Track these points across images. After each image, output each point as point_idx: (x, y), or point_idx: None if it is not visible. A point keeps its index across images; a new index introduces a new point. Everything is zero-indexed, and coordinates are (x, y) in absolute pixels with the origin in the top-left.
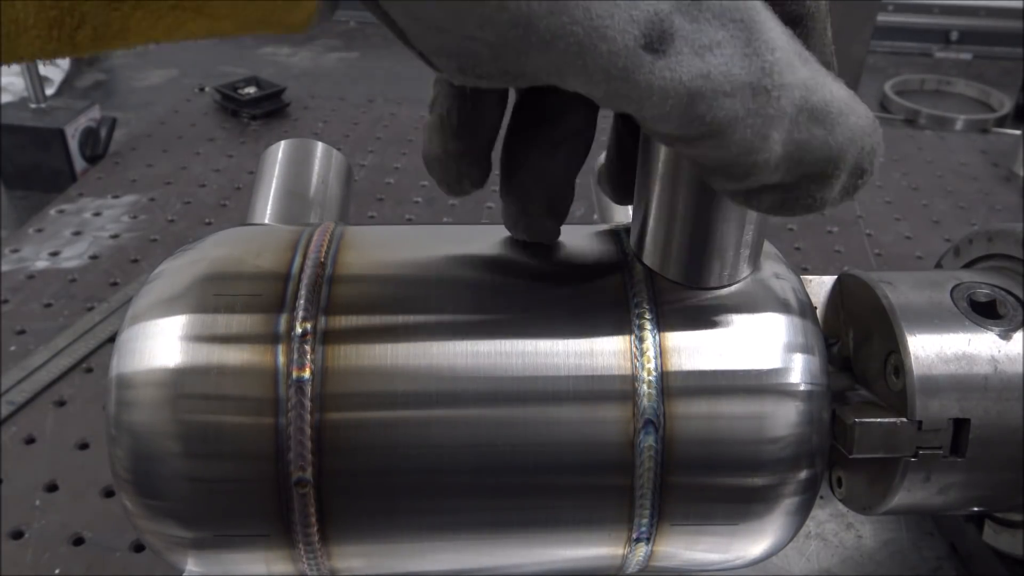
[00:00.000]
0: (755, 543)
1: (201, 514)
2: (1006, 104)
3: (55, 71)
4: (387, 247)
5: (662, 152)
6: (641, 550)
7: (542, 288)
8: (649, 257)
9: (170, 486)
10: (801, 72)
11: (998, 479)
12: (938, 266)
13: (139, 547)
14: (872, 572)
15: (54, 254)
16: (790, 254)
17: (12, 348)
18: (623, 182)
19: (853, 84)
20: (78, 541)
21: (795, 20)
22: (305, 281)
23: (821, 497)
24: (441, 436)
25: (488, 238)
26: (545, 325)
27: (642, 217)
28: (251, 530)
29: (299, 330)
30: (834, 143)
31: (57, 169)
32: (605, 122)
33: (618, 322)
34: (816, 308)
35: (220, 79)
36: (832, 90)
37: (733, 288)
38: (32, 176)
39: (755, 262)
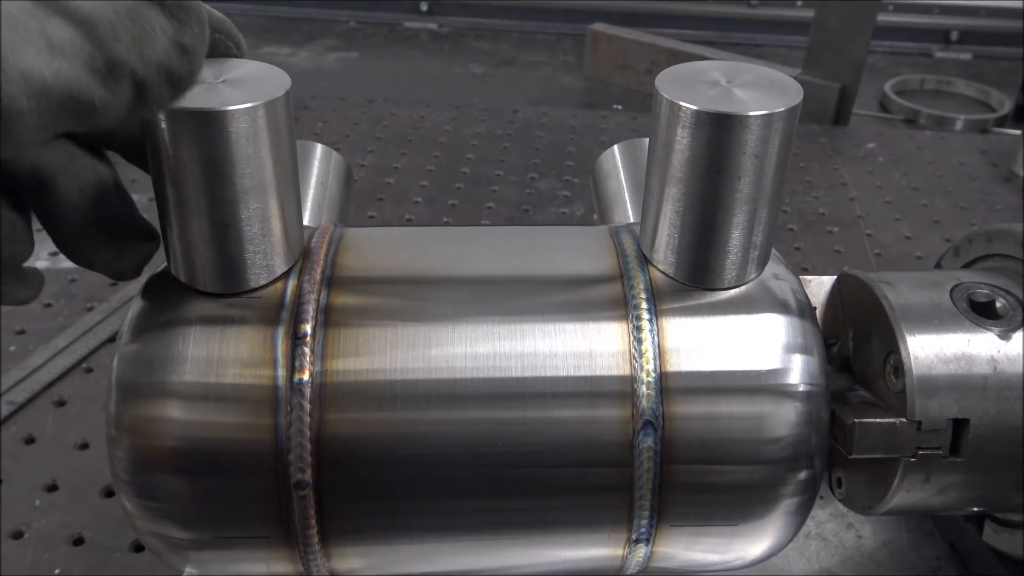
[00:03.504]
0: (755, 543)
1: (201, 516)
2: (1006, 104)
3: None
4: (386, 249)
5: (675, 155)
6: (641, 551)
7: (541, 290)
8: (659, 258)
9: (170, 488)
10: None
11: (997, 479)
12: (938, 266)
13: (139, 547)
14: (872, 572)
15: (54, 254)
16: (790, 254)
17: (12, 348)
18: None
19: (853, 84)
20: (78, 541)
21: None
22: (304, 283)
23: (821, 497)
24: (440, 438)
25: (487, 240)
26: (544, 327)
27: (653, 219)
28: (251, 532)
29: (298, 332)
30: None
31: None
32: (606, 117)
33: (617, 323)
34: (816, 308)
35: None
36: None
37: (732, 289)
38: None
39: (763, 264)
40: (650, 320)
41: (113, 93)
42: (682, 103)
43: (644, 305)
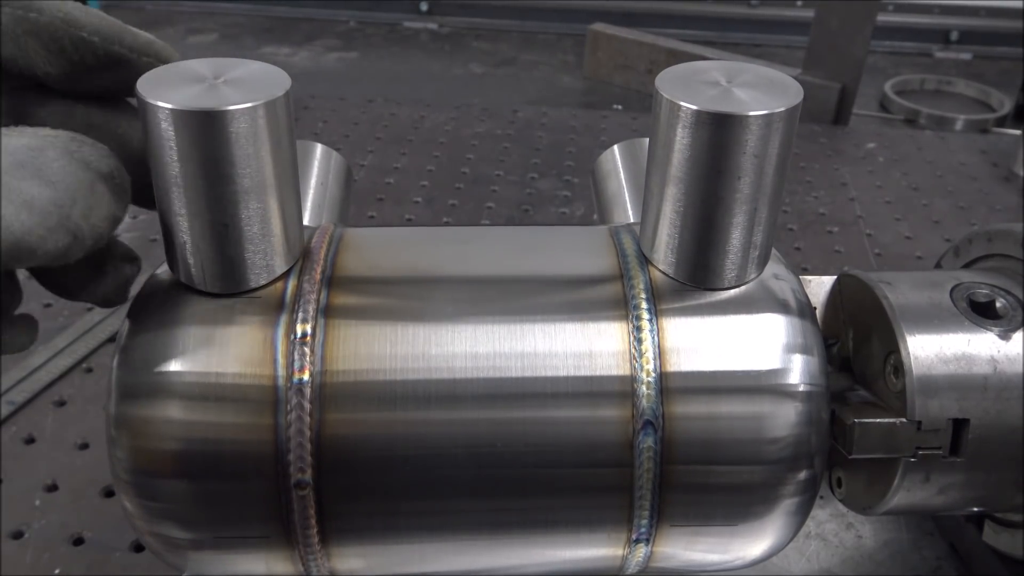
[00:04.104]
0: (755, 543)
1: (201, 516)
2: (1006, 104)
3: None
4: (386, 249)
5: (675, 155)
6: (641, 551)
7: (541, 290)
8: (659, 258)
9: (170, 488)
10: None
11: (997, 479)
12: (938, 266)
13: (139, 547)
14: (872, 572)
15: None
16: (790, 254)
17: None
18: None
19: (853, 84)
20: (78, 541)
21: None
22: (304, 283)
23: (821, 497)
24: (440, 437)
25: (487, 240)
26: (544, 327)
27: (653, 219)
28: (251, 532)
29: (298, 332)
30: None
31: None
32: (606, 117)
33: (617, 323)
34: (816, 308)
35: None
36: None
37: (732, 289)
38: None
39: (763, 264)
40: (650, 320)
41: (55, 245)
42: (682, 103)
43: (644, 305)
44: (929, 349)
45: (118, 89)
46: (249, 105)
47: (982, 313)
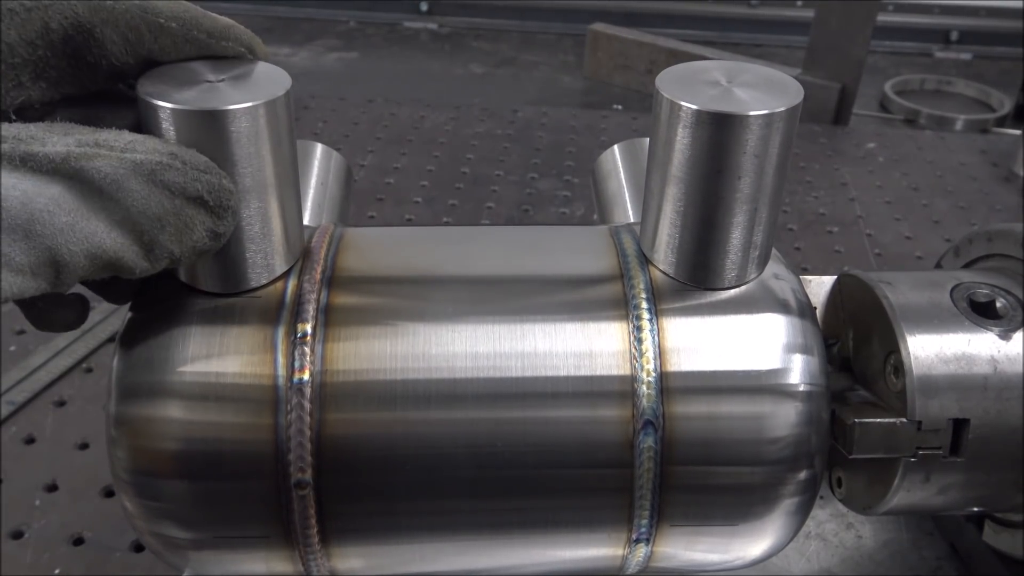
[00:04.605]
0: (755, 543)
1: (201, 516)
2: (1006, 104)
3: None
4: (386, 249)
5: (675, 155)
6: (641, 551)
7: (541, 290)
8: (659, 258)
9: (170, 488)
10: None
11: (998, 479)
12: (938, 266)
13: (139, 547)
14: (872, 572)
15: None
16: (790, 254)
17: (12, 348)
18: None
19: (853, 84)
20: (78, 541)
21: None
22: (305, 283)
23: (821, 497)
24: (440, 437)
25: (487, 240)
26: (544, 327)
27: (654, 219)
28: (251, 532)
29: (299, 332)
30: None
31: None
32: (606, 117)
33: (617, 323)
34: (816, 308)
35: None
36: None
37: (732, 289)
38: None
39: (763, 264)
40: (650, 320)
41: (151, 264)
42: (682, 103)
43: (644, 305)
44: (929, 349)
45: None
46: (250, 105)
47: (982, 313)
